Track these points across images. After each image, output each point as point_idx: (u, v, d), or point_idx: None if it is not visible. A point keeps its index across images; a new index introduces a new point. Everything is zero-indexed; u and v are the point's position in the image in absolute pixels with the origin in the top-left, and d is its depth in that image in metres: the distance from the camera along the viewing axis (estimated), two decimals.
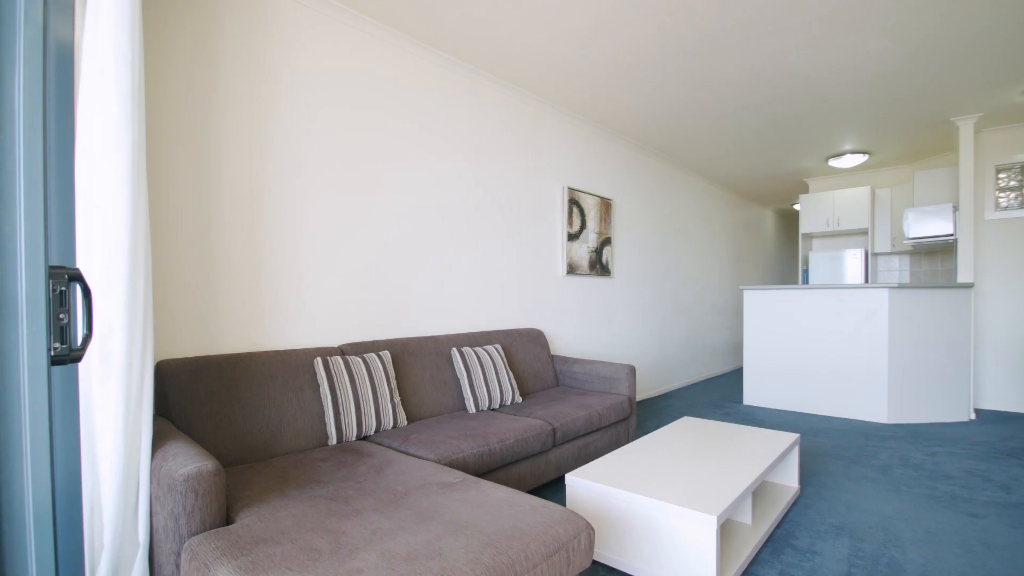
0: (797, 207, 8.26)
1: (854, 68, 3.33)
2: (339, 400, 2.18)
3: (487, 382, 2.78)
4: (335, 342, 2.56)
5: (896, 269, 6.01)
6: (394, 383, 2.43)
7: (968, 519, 2.34)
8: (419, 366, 2.69)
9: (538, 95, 3.71)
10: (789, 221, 9.38)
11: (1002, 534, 2.19)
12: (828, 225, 6.07)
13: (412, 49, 2.91)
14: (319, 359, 2.23)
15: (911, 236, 5.00)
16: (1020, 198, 4.50)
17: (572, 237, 4.05)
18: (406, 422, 2.44)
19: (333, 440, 2.15)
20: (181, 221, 2.07)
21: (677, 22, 2.75)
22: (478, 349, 2.88)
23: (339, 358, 2.27)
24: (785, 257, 9.24)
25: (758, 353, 4.72)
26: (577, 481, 1.99)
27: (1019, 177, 4.50)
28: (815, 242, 6.63)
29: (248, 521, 1.37)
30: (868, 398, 4.13)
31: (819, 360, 4.38)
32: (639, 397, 5.00)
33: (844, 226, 5.94)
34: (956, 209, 4.68)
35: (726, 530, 2.09)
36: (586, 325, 4.29)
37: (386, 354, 2.47)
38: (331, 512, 1.43)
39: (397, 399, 2.41)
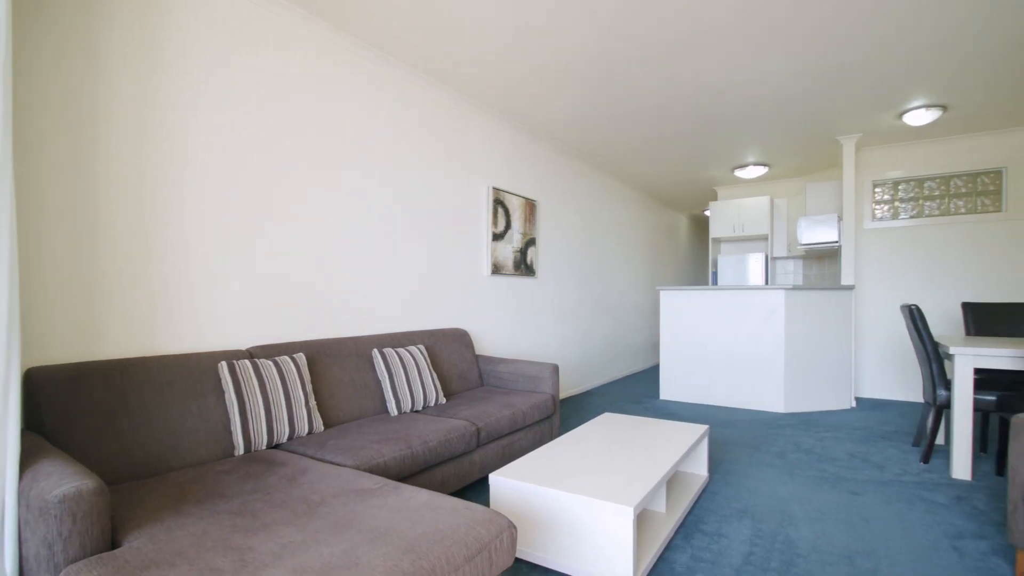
0: (708, 213, 8.85)
1: (759, 87, 3.60)
2: (247, 407, 2.03)
3: (410, 383, 2.71)
4: (243, 344, 2.39)
5: (792, 272, 6.60)
6: (310, 387, 2.30)
7: (850, 496, 2.60)
8: (338, 368, 2.58)
9: (466, 95, 3.69)
10: (701, 226, 10.02)
11: (877, 508, 2.46)
12: (734, 231, 6.54)
13: (334, 39, 2.79)
14: (224, 363, 2.06)
15: (803, 242, 5.51)
16: (892, 210, 5.10)
17: (497, 237, 4.06)
18: (323, 427, 2.32)
19: (240, 450, 2.00)
20: (59, 212, 1.83)
21: (602, 35, 2.84)
22: (401, 350, 2.81)
23: (247, 361, 2.11)
24: (697, 260, 9.86)
25: (673, 350, 4.99)
26: (500, 480, 1.98)
27: (891, 191, 5.10)
28: (723, 246, 7.13)
29: (138, 544, 1.24)
30: (768, 390, 4.50)
31: (726, 356, 4.71)
32: (563, 395, 5.12)
33: (748, 232, 6.44)
34: (840, 219, 5.21)
35: (643, 519, 2.18)
36: (511, 325, 4.32)
37: (301, 356, 2.34)
38: (236, 528, 1.32)
39: (313, 404, 2.29)
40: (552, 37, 2.90)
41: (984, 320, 3.72)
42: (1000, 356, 2.68)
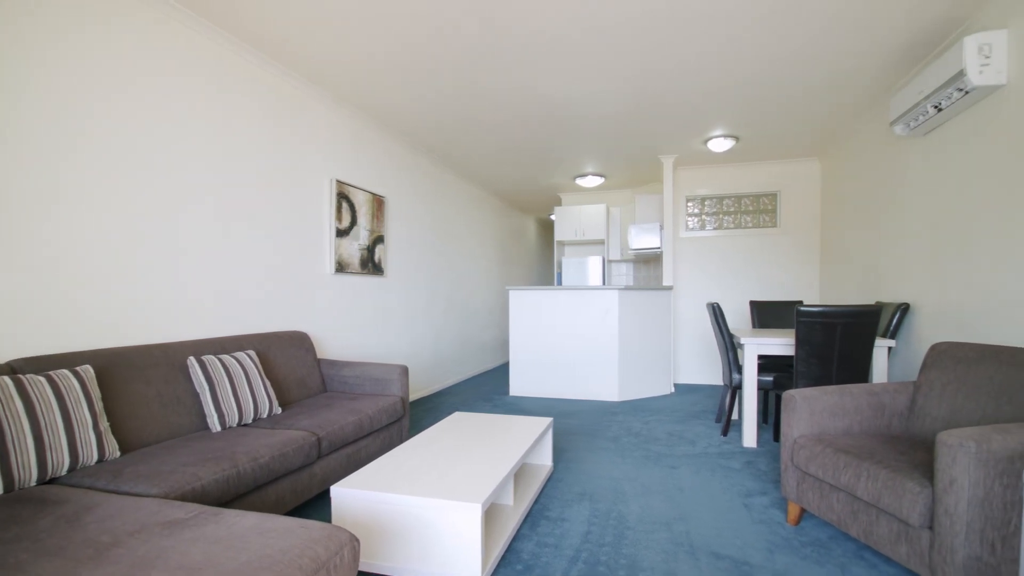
0: (553, 217, 9.42)
1: (594, 105, 3.92)
2: (7, 436, 1.60)
3: (237, 394, 2.40)
4: (3, 356, 1.89)
5: (625, 274, 7.33)
6: (100, 406, 1.90)
7: (669, 471, 2.95)
8: (141, 382, 2.18)
9: (304, 77, 3.39)
10: (547, 229, 10.64)
11: (689, 478, 2.83)
12: (576, 235, 7.06)
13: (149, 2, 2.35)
14: None
15: (633, 247, 6.16)
16: (701, 222, 5.94)
17: (342, 233, 3.82)
18: (119, 453, 1.93)
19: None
20: None
21: (450, 33, 2.82)
22: (225, 357, 2.47)
23: (7, 379, 1.67)
24: (544, 261, 10.45)
25: (522, 347, 5.20)
26: (343, 492, 1.85)
27: (700, 206, 5.95)
28: (567, 249, 7.65)
29: None
30: (605, 381, 4.92)
31: (570, 351, 5.04)
32: (414, 396, 5.01)
33: (588, 236, 6.99)
34: (662, 227, 5.93)
35: (491, 514, 2.20)
36: (358, 326, 4.10)
37: (87, 370, 1.92)
38: None
39: (105, 426, 1.89)
40: (401, 24, 2.81)
41: (766, 315, 4.51)
42: (775, 344, 3.27)
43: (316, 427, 2.40)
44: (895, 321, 3.42)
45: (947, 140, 3.01)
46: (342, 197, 3.82)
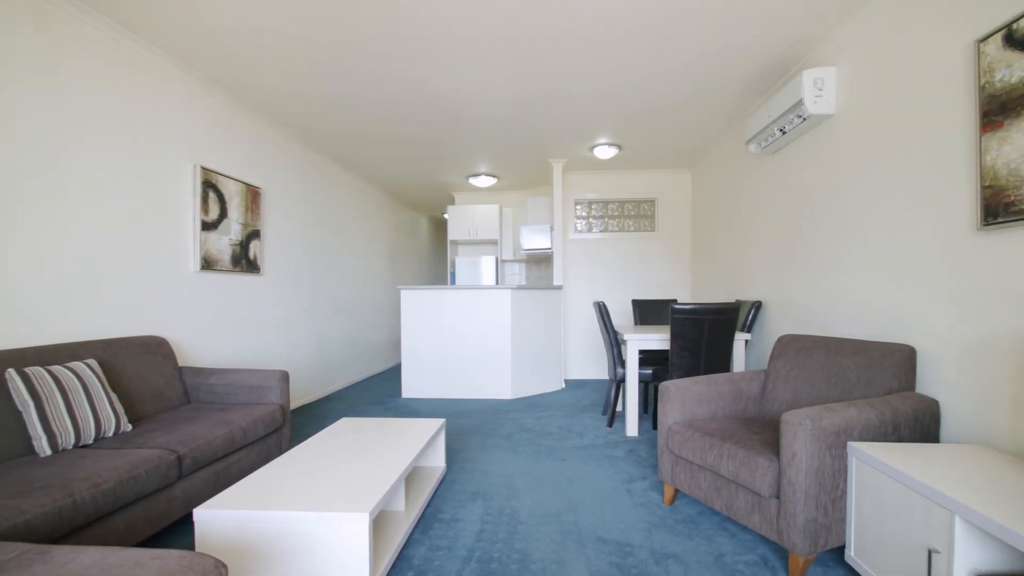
0: (446, 216, 9.35)
1: (485, 105, 3.94)
2: None
3: (73, 411, 2.06)
4: None
5: (518, 273, 7.49)
6: None
7: (559, 464, 3.05)
8: None
9: (162, 50, 3.00)
10: (440, 228, 10.53)
11: (578, 469, 2.95)
12: (469, 234, 7.07)
13: None
14: None
15: (525, 248, 6.31)
16: (588, 224, 6.25)
17: (209, 226, 3.44)
18: None
19: None
20: None
21: (336, 18, 2.66)
22: (58, 368, 2.11)
23: None
24: (437, 260, 10.33)
25: (414, 348, 5.08)
26: (209, 514, 1.66)
27: (587, 209, 6.25)
28: (460, 248, 7.63)
29: None
30: (497, 379, 4.98)
31: (463, 351, 5.03)
32: (297, 403, 4.68)
33: (481, 236, 7.04)
34: (552, 229, 6.14)
35: (382, 522, 2.11)
36: (230, 329, 3.73)
37: None
38: None
39: None
40: (277, 3, 2.60)
41: (647, 313, 4.86)
42: (654, 340, 3.53)
43: (176, 444, 2.13)
44: (751, 317, 3.86)
45: (791, 159, 3.46)
46: (209, 186, 3.44)
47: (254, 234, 3.95)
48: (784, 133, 3.30)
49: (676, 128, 4.57)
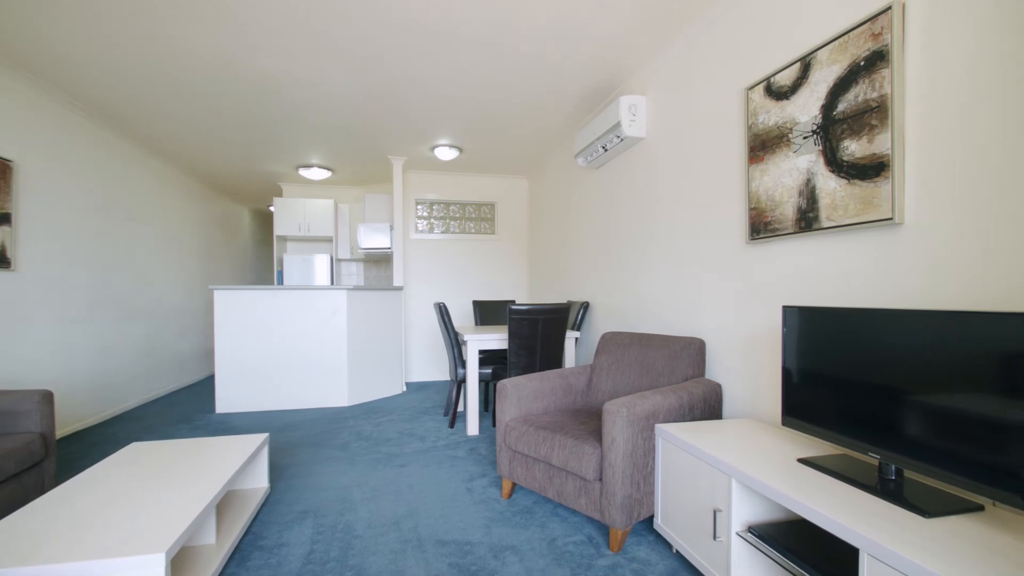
0: (272, 209, 8.49)
1: (320, 90, 3.66)
2: None
3: None
4: None
5: (355, 273, 7.11)
6: None
7: (399, 470, 2.96)
8: None
9: None
10: (265, 221, 9.53)
11: (419, 474, 2.90)
12: (300, 230, 6.52)
13: None
14: None
15: (363, 247, 6.03)
16: (430, 225, 6.21)
17: None
18: None
19: None
20: None
21: None
22: None
23: None
24: (262, 257, 9.33)
25: (232, 356, 4.50)
26: None
27: (429, 210, 6.21)
28: (289, 245, 6.99)
29: None
30: (333, 386, 4.66)
31: (292, 357, 4.60)
32: (69, 430, 3.81)
33: (314, 232, 6.54)
34: (392, 228, 5.97)
35: (187, 559, 1.81)
36: None
37: None
38: None
39: None
40: None
41: (487, 313, 4.99)
42: (493, 339, 3.64)
43: None
44: (580, 316, 4.21)
45: (611, 173, 3.86)
46: None
47: (3, 218, 3.11)
48: (606, 151, 3.66)
49: (515, 136, 4.78)
